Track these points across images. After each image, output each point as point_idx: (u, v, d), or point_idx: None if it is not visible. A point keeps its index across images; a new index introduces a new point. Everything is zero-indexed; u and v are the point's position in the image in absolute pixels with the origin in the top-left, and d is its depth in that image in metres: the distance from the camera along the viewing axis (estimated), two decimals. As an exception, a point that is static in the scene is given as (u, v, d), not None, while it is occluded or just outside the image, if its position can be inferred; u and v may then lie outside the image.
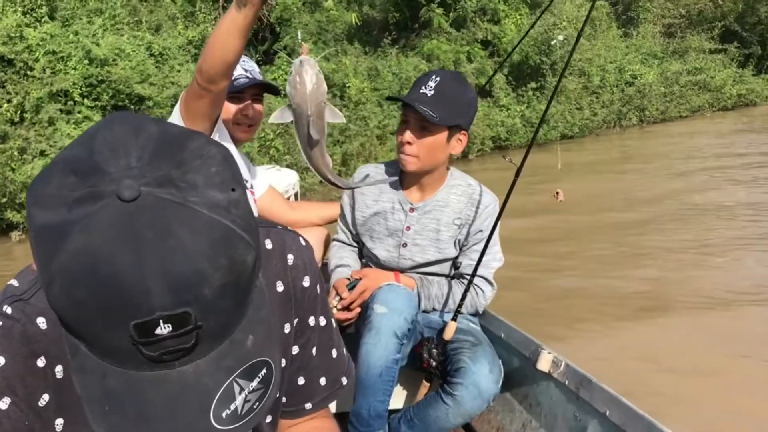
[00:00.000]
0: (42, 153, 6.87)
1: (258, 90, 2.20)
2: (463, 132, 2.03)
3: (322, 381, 0.98)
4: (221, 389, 0.63)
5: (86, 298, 0.57)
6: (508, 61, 12.97)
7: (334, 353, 0.99)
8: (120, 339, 0.59)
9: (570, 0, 15.26)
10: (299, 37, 3.15)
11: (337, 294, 2.04)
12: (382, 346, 1.81)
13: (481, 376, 1.82)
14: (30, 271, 0.79)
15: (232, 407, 0.63)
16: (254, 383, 0.65)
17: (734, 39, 19.81)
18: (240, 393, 0.64)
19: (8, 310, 0.73)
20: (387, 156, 9.73)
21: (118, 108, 7.91)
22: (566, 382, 1.82)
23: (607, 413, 1.63)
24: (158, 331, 0.58)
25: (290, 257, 0.90)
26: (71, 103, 7.52)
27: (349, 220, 2.22)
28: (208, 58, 1.62)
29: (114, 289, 0.56)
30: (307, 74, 1.49)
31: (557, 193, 2.13)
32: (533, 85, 12.80)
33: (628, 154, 11.58)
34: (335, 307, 2.02)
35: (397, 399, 2.19)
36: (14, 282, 0.78)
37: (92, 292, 0.57)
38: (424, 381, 2.04)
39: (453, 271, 2.18)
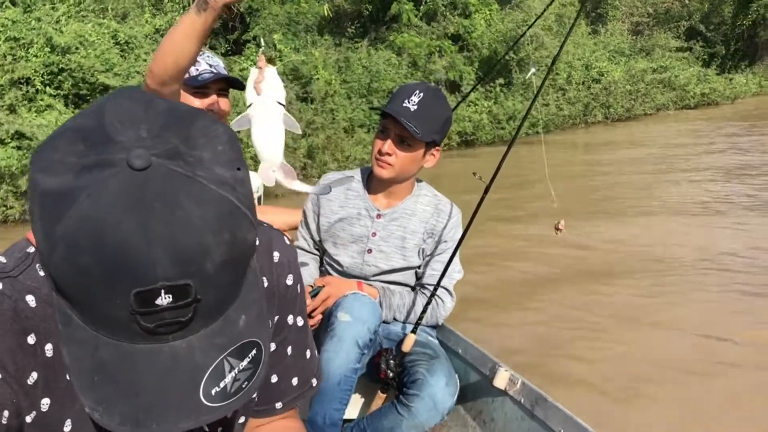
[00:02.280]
0: (0, 141, 6.78)
1: (223, 85, 2.19)
2: (437, 147, 2.07)
3: (295, 381, 0.98)
4: (212, 366, 0.63)
5: (89, 265, 0.57)
6: (477, 57, 13.09)
7: (308, 354, 0.99)
8: (118, 308, 0.59)
9: (539, -3, 15.46)
10: (262, 44, 3.11)
11: None
12: (343, 355, 1.81)
13: (437, 388, 1.83)
14: (16, 249, 0.78)
15: (222, 385, 0.64)
16: (244, 363, 0.66)
17: (699, 38, 20.24)
18: (230, 371, 0.65)
19: None
20: (353, 149, 9.78)
21: (81, 97, 7.83)
22: (522, 400, 1.82)
23: None
24: (158, 301, 0.58)
25: (276, 254, 0.90)
26: (33, 90, 7.42)
27: (312, 226, 2.21)
28: (160, 62, 1.59)
29: (119, 256, 0.56)
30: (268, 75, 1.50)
31: (558, 226, 2.11)
32: (501, 81, 12.93)
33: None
34: None
35: (352, 409, 2.19)
36: (1, 258, 0.77)
37: (96, 259, 0.57)
38: (379, 392, 2.04)
39: (415, 281, 2.20)
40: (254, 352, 0.67)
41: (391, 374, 1.94)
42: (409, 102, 1.97)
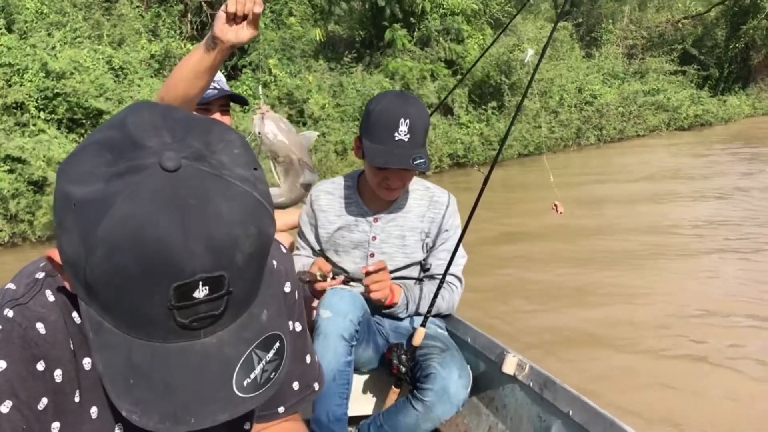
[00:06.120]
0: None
1: (225, 101, 2.22)
2: None
3: (296, 386, 1.00)
4: (242, 359, 0.67)
5: (129, 263, 0.59)
6: (470, 80, 13.25)
7: (308, 359, 1.01)
8: (155, 305, 0.61)
9: (531, 21, 15.71)
10: (260, 92, 3.19)
11: (321, 271, 2.03)
12: (331, 351, 1.85)
13: (450, 381, 1.85)
14: (25, 274, 0.80)
15: (252, 376, 0.67)
16: (270, 354, 0.69)
17: (693, 61, 20.45)
18: (258, 363, 0.68)
19: (9, 313, 0.74)
20: (346, 170, 9.89)
21: (75, 121, 7.96)
22: (530, 384, 1.86)
23: (570, 413, 1.66)
24: (196, 293, 0.61)
25: (274, 263, 0.92)
26: (27, 115, 7.55)
27: (311, 238, 2.22)
28: (171, 92, 1.61)
29: (159, 252, 0.59)
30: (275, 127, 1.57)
31: (555, 205, 2.16)
32: (493, 104, 13.07)
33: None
34: (318, 276, 2.01)
35: (367, 405, 2.24)
36: (11, 285, 0.79)
37: (136, 257, 0.59)
38: (393, 387, 2.06)
39: (421, 274, 2.22)
40: (278, 344, 0.71)
41: (403, 369, 1.96)
42: (400, 133, 1.92)
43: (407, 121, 1.92)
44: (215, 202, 0.61)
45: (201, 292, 0.61)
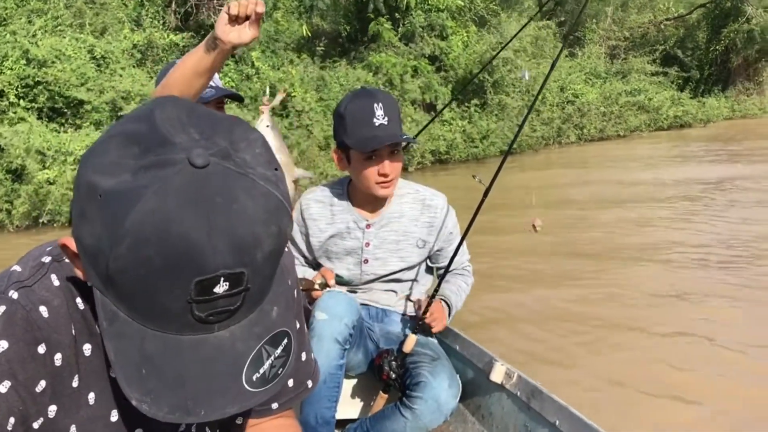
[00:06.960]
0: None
1: (221, 98, 2.25)
2: None
3: (290, 383, 1.00)
4: (252, 354, 0.68)
5: (154, 256, 0.60)
6: (453, 77, 13.33)
7: (303, 356, 1.01)
8: (175, 298, 0.62)
9: (516, 19, 15.81)
10: (267, 93, 3.15)
11: (323, 277, 2.07)
12: (324, 353, 1.83)
13: (441, 390, 1.86)
14: (30, 258, 0.80)
15: (261, 371, 0.69)
16: (278, 351, 0.71)
17: (674, 63, 20.69)
18: (267, 358, 0.69)
19: (14, 295, 0.75)
20: (328, 165, 9.92)
21: (56, 110, 7.91)
22: (518, 393, 1.86)
23: (557, 423, 1.66)
24: (216, 289, 0.62)
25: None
26: (6, 103, 7.50)
27: (302, 247, 2.19)
28: (167, 92, 1.59)
29: (183, 248, 0.60)
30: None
31: (534, 225, 2.18)
32: (476, 101, 13.16)
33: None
34: (317, 285, 2.04)
35: (353, 409, 2.24)
36: (17, 268, 0.79)
37: (161, 250, 0.60)
38: (381, 392, 2.06)
39: (419, 275, 2.22)
40: (286, 341, 0.72)
41: (393, 375, 1.97)
42: (379, 117, 1.94)
43: (380, 104, 1.94)
44: (240, 200, 0.63)
45: (221, 288, 0.63)
